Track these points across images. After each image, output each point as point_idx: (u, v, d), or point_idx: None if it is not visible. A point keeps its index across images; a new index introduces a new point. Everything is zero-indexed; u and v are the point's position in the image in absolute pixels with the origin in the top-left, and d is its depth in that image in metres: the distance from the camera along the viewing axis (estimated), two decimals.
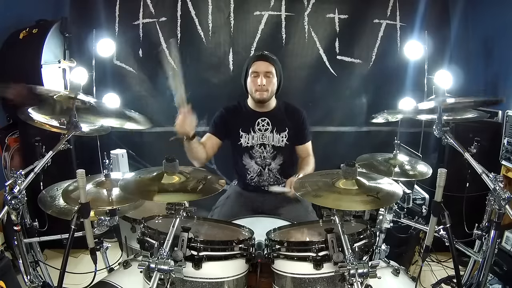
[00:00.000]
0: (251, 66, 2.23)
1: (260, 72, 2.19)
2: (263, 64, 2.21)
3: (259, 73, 2.19)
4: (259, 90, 2.20)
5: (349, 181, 1.51)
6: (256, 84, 2.20)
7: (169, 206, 1.44)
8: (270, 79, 2.21)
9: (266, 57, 2.23)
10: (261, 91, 2.20)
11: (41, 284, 1.79)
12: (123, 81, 3.07)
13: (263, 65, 2.20)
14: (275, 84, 2.25)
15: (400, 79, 3.09)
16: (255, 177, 2.32)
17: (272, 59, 2.24)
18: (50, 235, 1.80)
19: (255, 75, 2.21)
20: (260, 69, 2.19)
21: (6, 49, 2.66)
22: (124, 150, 2.95)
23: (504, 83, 2.77)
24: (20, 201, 1.51)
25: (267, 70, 2.20)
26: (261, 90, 2.20)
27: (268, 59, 2.22)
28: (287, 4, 3.02)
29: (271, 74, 2.21)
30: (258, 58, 2.24)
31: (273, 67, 2.22)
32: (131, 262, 1.72)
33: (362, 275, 1.29)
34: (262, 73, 2.19)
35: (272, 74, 2.22)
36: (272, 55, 2.27)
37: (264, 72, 2.19)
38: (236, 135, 2.28)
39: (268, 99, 2.26)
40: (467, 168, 1.63)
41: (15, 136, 2.65)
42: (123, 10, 3.01)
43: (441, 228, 1.58)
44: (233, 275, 1.46)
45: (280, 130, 2.28)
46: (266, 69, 2.20)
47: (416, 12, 3.00)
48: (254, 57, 2.28)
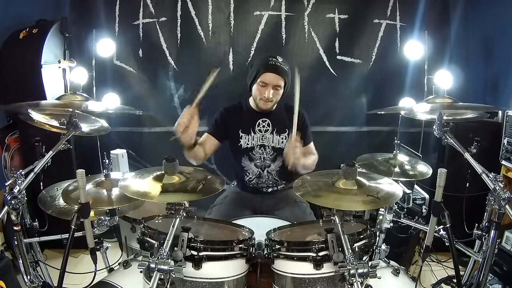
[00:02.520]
0: (261, 74, 2.10)
1: (269, 84, 2.11)
2: (274, 76, 2.09)
3: (268, 84, 2.11)
4: (264, 100, 2.15)
5: (349, 181, 1.51)
6: (262, 94, 2.13)
7: (169, 206, 1.44)
8: (277, 91, 2.14)
9: (278, 69, 2.09)
10: (266, 102, 2.16)
11: (41, 284, 1.79)
12: (123, 81, 3.07)
13: (273, 78, 2.09)
14: (281, 94, 2.19)
15: (400, 79, 3.09)
16: (253, 179, 2.31)
17: (284, 71, 2.11)
18: (50, 235, 1.80)
19: (263, 85, 2.12)
20: (270, 81, 2.10)
21: (6, 49, 2.65)
22: (124, 150, 2.95)
23: (504, 83, 2.78)
24: (20, 201, 1.51)
25: (277, 83, 2.11)
26: (267, 101, 2.15)
27: (280, 72, 2.09)
28: (287, 4, 3.02)
29: (280, 87, 2.13)
30: (270, 69, 2.10)
31: (283, 80, 2.12)
32: (131, 262, 1.73)
33: (362, 275, 1.29)
34: (271, 85, 2.11)
35: (281, 87, 2.14)
36: (285, 65, 2.13)
37: (273, 85, 2.11)
38: (235, 136, 2.26)
39: (272, 108, 2.23)
40: (467, 168, 1.63)
41: (15, 136, 2.65)
42: (123, 10, 3.01)
43: (441, 228, 1.58)
44: (233, 275, 1.46)
45: (281, 131, 2.27)
46: (276, 82, 2.10)
47: (416, 12, 3.00)
48: (267, 65, 2.10)
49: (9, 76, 2.65)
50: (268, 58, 2.13)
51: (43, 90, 2.62)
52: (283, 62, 2.13)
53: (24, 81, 2.63)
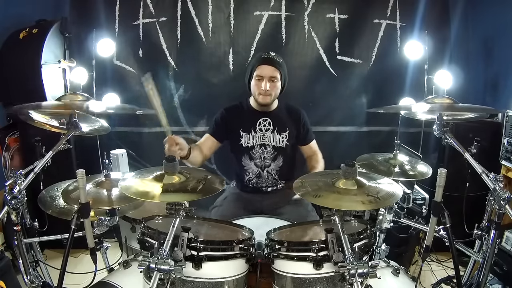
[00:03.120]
0: (256, 69, 2.17)
1: (264, 77, 2.15)
2: (268, 68, 2.15)
3: (264, 77, 2.15)
4: (262, 94, 2.18)
5: (349, 181, 1.51)
6: (260, 88, 2.16)
7: (169, 206, 1.44)
8: (274, 84, 2.17)
9: (271, 61, 2.16)
10: (265, 95, 2.18)
11: (41, 284, 1.79)
12: (123, 81, 3.07)
13: (268, 70, 2.15)
14: (279, 87, 2.21)
15: (400, 79, 3.08)
16: (253, 178, 2.31)
17: (278, 63, 2.18)
18: (50, 235, 1.80)
19: (259, 78, 2.16)
20: (265, 74, 2.15)
21: (6, 49, 2.65)
22: (124, 150, 2.95)
23: (504, 83, 2.77)
24: (20, 201, 1.51)
25: (272, 75, 2.15)
26: (265, 94, 2.17)
27: (274, 63, 2.16)
28: (287, 4, 3.02)
29: (276, 79, 2.17)
30: (264, 61, 2.17)
31: (278, 72, 2.17)
32: (131, 262, 1.73)
33: (362, 275, 1.29)
34: (267, 77, 2.15)
35: (277, 79, 2.17)
36: (278, 58, 2.20)
37: (269, 77, 2.15)
38: (236, 135, 2.27)
39: (271, 102, 2.25)
40: (467, 168, 1.63)
41: (15, 136, 2.65)
42: (123, 10, 3.01)
43: (441, 228, 1.58)
44: (233, 275, 1.46)
45: (281, 130, 2.28)
46: (271, 74, 2.15)
47: (416, 12, 3.00)
48: (260, 59, 2.19)
49: (9, 76, 2.65)
50: (261, 54, 2.21)
51: (43, 90, 2.62)
52: (276, 56, 2.21)
53: (24, 81, 2.63)
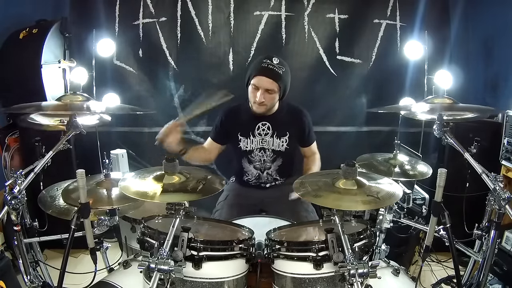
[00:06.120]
0: (253, 77, 2.04)
1: (260, 88, 2.03)
2: (265, 80, 2.01)
3: (260, 88, 2.03)
4: (257, 104, 2.07)
5: (349, 181, 1.51)
6: (255, 97, 2.05)
7: (169, 206, 1.44)
8: (271, 95, 2.05)
9: (271, 72, 2.00)
10: (260, 105, 2.08)
11: (41, 284, 1.79)
12: (123, 81, 3.07)
13: (265, 82, 2.01)
14: (276, 98, 2.10)
15: (400, 79, 3.08)
16: (253, 179, 2.32)
17: (277, 74, 2.01)
18: (50, 235, 1.80)
19: (255, 88, 2.05)
20: (261, 85, 2.02)
21: (6, 49, 2.66)
22: (124, 150, 2.95)
23: (504, 83, 2.77)
24: (20, 201, 1.51)
25: (269, 87, 2.02)
26: (260, 105, 2.07)
27: (273, 75, 2.00)
28: (287, 4, 3.02)
29: (273, 91, 2.04)
30: (262, 72, 2.01)
31: (276, 85, 2.02)
32: (131, 262, 1.72)
33: (362, 275, 1.29)
34: (263, 89, 2.02)
35: (274, 91, 2.04)
36: (281, 68, 2.03)
37: (265, 89, 2.03)
38: (235, 139, 2.25)
39: (266, 112, 2.16)
40: (467, 168, 1.63)
41: (15, 136, 2.65)
42: (123, 10, 3.01)
43: (441, 228, 1.58)
44: (233, 275, 1.46)
45: (281, 134, 2.22)
46: (268, 86, 2.02)
47: (416, 12, 3.00)
48: (259, 68, 2.03)
49: (9, 76, 2.65)
50: (262, 60, 2.05)
51: (43, 90, 2.62)
52: (279, 65, 2.03)
53: (24, 81, 2.63)
